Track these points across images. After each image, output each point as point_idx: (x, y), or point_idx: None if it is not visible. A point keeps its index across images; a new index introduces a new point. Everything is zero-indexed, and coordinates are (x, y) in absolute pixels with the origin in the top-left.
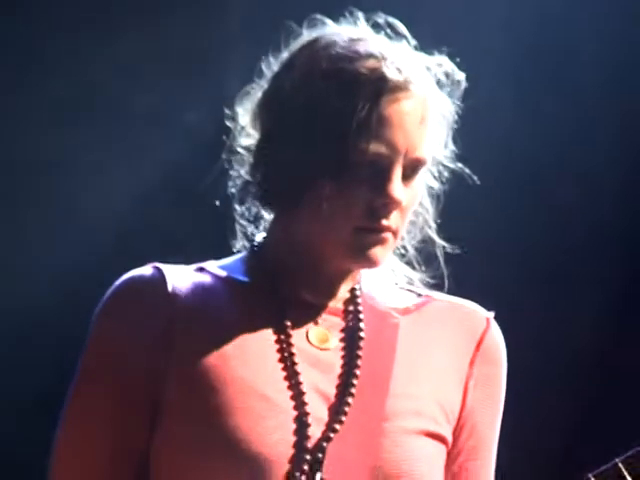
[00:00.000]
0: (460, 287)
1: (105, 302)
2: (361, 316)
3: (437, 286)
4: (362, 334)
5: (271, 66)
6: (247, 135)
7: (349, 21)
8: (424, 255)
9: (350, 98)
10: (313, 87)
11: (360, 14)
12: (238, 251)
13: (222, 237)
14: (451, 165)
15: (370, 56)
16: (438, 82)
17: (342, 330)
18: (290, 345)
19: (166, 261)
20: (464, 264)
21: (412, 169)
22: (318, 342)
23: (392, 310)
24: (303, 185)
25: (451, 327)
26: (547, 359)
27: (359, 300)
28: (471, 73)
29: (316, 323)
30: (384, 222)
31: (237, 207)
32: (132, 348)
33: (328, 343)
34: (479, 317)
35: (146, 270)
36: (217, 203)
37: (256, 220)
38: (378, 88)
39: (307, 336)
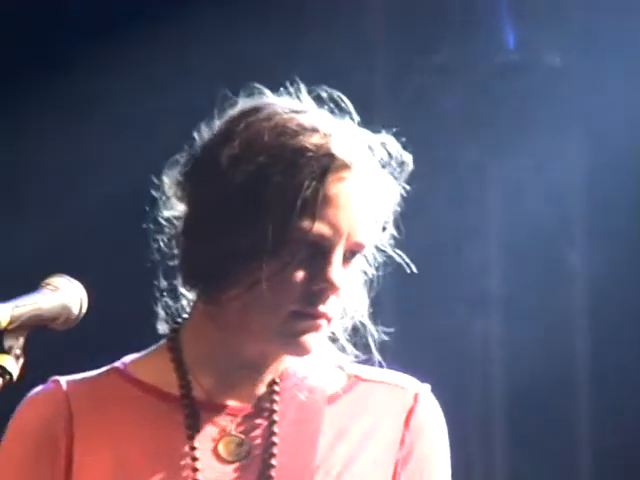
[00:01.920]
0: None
1: (10, 423)
2: (275, 417)
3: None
4: (275, 439)
5: (204, 134)
6: (172, 207)
7: (289, 92)
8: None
9: (294, 175)
10: (254, 162)
11: (302, 85)
12: (163, 335)
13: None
14: (388, 250)
15: (315, 131)
16: (382, 162)
17: (256, 435)
18: (195, 470)
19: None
20: None
21: (352, 252)
22: (228, 455)
23: (317, 400)
24: (236, 264)
25: (378, 411)
26: None
27: (276, 397)
28: None
29: (228, 431)
30: (321, 308)
31: (159, 283)
32: (28, 469)
33: (239, 454)
34: (407, 394)
35: (47, 388)
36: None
37: (180, 298)
38: (324, 166)
39: (216, 450)
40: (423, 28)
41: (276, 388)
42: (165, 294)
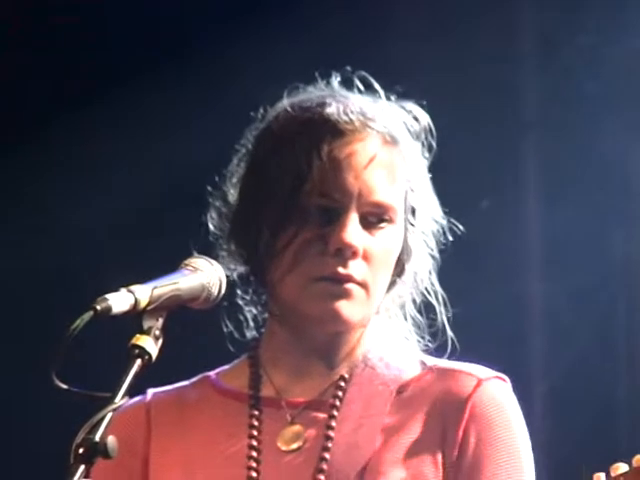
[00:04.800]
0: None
1: None
2: (335, 412)
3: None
4: (331, 433)
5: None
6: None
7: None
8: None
9: (297, 144)
10: (268, 138)
11: (335, 74)
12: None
13: None
14: (441, 221)
15: (321, 105)
16: (408, 129)
17: (314, 428)
18: (257, 459)
19: None
20: None
21: (376, 216)
22: (285, 446)
23: (385, 393)
24: (264, 235)
25: (440, 398)
26: None
27: (339, 392)
28: None
29: (288, 423)
30: (341, 270)
31: (240, 292)
32: (108, 471)
33: (297, 443)
34: (470, 381)
35: (134, 400)
36: None
37: (264, 305)
38: (322, 131)
39: (275, 442)
40: (569, 8)
41: (341, 383)
42: (251, 304)
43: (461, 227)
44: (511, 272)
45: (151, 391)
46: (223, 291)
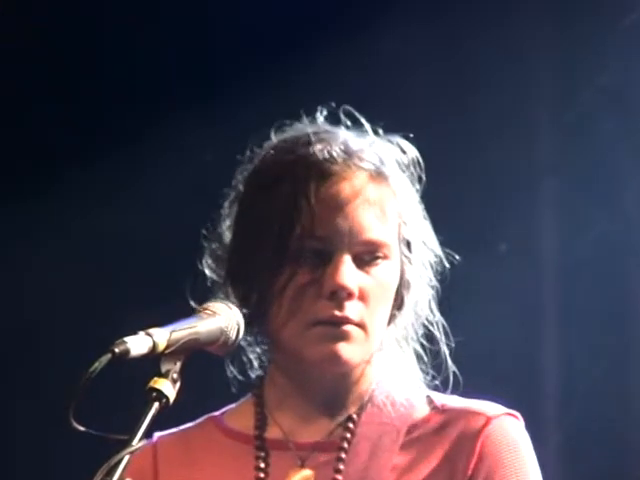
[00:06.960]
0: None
1: None
2: (342, 455)
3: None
4: (339, 477)
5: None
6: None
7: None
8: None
9: (280, 188)
10: (253, 185)
11: (322, 110)
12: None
13: None
14: (438, 252)
15: (305, 144)
16: (398, 163)
17: (322, 470)
18: None
19: None
20: None
21: (369, 254)
22: None
23: (394, 434)
24: (258, 281)
25: (451, 440)
26: None
27: (346, 434)
28: None
29: (296, 466)
30: (337, 313)
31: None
32: None
33: None
34: (479, 420)
35: (144, 444)
36: None
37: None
38: (307, 173)
39: None
40: (586, 49)
41: (350, 425)
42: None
43: (457, 257)
44: (526, 315)
45: (157, 434)
46: (241, 335)
